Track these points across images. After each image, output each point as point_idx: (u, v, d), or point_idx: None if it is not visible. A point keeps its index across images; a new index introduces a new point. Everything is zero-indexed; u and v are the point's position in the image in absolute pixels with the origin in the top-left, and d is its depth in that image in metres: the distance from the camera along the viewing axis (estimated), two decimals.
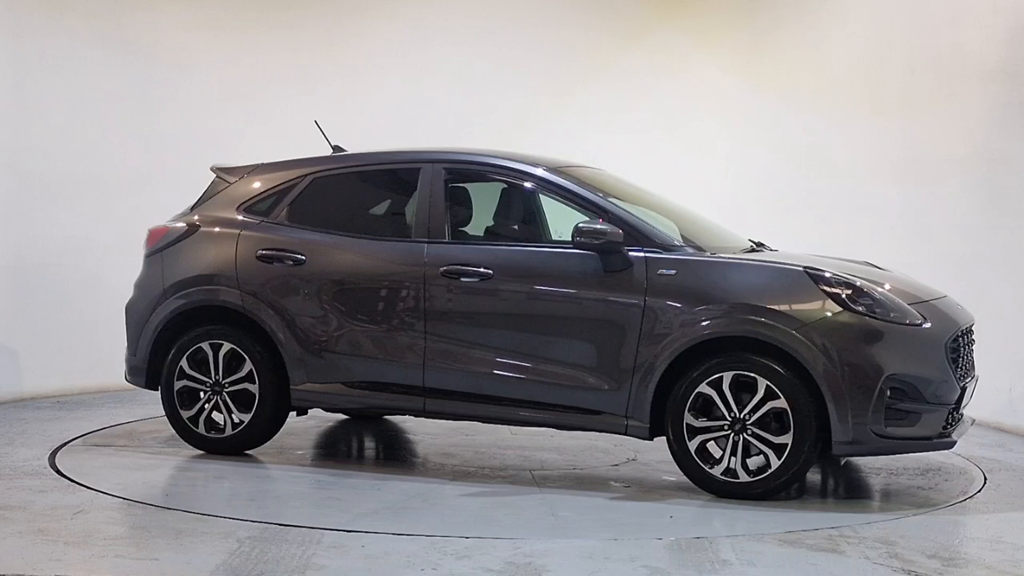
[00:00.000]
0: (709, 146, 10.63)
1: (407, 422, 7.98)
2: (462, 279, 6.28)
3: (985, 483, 6.43)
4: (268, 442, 6.90)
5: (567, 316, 6.12)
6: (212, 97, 9.86)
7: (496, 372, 6.21)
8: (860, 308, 5.77)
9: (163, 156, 9.63)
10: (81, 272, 9.24)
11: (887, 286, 6.05)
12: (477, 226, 6.73)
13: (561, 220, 6.67)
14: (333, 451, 7.25)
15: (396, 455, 7.37)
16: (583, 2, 10.88)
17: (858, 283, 5.86)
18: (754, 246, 6.79)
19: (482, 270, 6.25)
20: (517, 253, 6.32)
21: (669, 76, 10.75)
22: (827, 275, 5.86)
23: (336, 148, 7.24)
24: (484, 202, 6.77)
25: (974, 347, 6.38)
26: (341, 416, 8.03)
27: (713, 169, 10.52)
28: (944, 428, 5.91)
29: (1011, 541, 5.26)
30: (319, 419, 7.99)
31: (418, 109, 10.21)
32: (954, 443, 5.96)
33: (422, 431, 7.75)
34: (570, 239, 6.10)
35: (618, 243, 6.02)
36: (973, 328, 6.38)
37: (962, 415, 6.17)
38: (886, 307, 5.81)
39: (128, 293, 7.17)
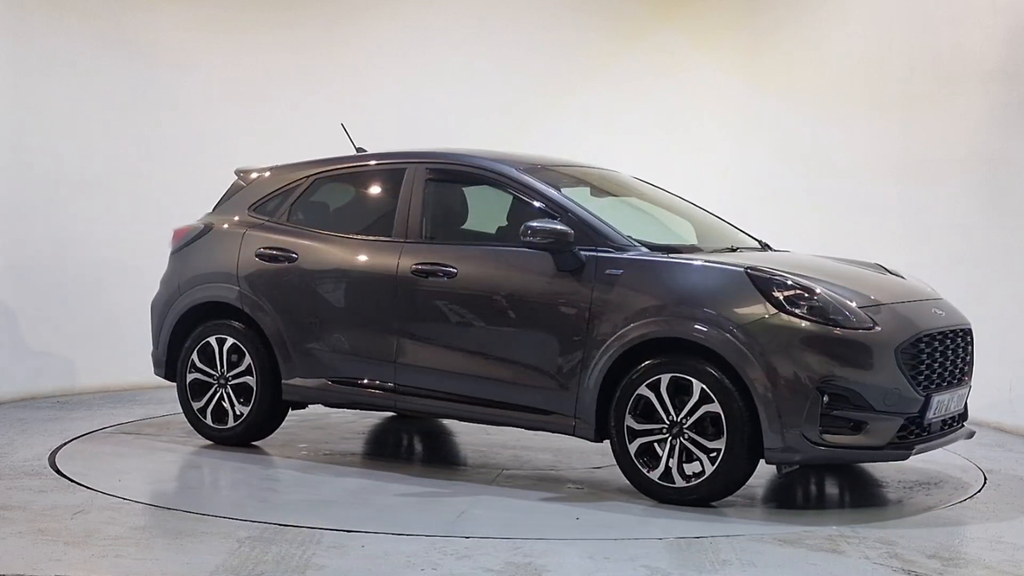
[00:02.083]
0: (709, 146, 10.62)
1: (446, 420, 7.90)
2: (429, 278, 6.31)
3: (985, 483, 6.42)
4: (275, 435, 7.09)
5: (521, 315, 6.07)
6: (212, 97, 9.86)
7: (458, 371, 6.23)
8: (798, 311, 5.53)
9: (163, 156, 9.64)
10: (81, 272, 9.24)
11: (874, 296, 5.81)
12: (472, 226, 6.73)
13: None
14: (335, 447, 7.21)
15: (393, 453, 7.38)
16: (583, 2, 10.87)
17: (817, 289, 5.59)
18: (760, 247, 6.77)
19: (447, 269, 6.27)
20: (478, 252, 6.32)
21: (669, 76, 10.74)
22: (768, 276, 5.64)
23: (359, 150, 7.30)
24: (489, 203, 6.76)
25: (964, 354, 6.06)
26: (387, 413, 8.00)
27: (713, 169, 10.51)
28: (900, 438, 5.59)
29: (1011, 541, 5.25)
30: (359, 415, 8.02)
31: (418, 109, 10.21)
32: (908, 454, 5.64)
33: (456, 431, 7.75)
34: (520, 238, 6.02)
35: (568, 242, 5.94)
36: (961, 333, 6.05)
37: (946, 423, 5.92)
38: (828, 310, 5.54)
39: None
